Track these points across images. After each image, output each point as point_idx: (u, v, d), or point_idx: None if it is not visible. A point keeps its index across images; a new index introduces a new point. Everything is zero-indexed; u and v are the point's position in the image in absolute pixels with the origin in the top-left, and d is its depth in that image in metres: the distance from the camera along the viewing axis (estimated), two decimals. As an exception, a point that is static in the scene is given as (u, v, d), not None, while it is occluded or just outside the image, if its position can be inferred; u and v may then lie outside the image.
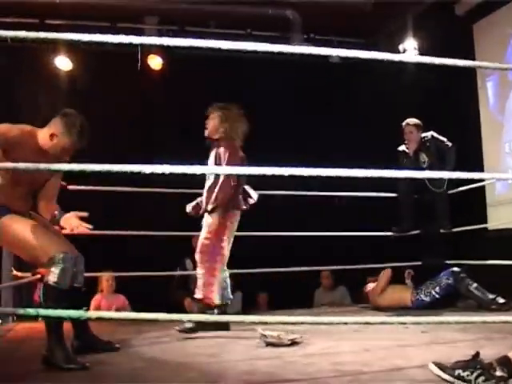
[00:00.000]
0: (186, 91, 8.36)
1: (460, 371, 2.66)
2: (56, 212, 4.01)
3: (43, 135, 3.97)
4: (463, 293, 6.34)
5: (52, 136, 3.94)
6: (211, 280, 5.33)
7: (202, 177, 5.47)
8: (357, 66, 6.90)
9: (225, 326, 5.19)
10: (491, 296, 6.19)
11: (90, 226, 3.83)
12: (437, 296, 6.37)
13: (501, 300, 6.12)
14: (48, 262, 3.77)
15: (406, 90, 8.60)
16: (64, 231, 4.01)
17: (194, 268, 7.05)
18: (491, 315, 4.52)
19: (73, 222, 3.84)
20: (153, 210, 7.58)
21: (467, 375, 2.64)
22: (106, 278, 7.25)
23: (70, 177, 4.94)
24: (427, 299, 6.41)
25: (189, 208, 5.76)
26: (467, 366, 2.67)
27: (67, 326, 3.96)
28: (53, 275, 3.73)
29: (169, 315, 2.24)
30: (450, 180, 7.16)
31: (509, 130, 7.82)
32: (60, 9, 7.53)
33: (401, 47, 8.54)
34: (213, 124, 5.57)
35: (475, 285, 6.31)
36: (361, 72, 7.68)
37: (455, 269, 6.48)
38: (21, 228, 3.86)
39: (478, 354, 2.74)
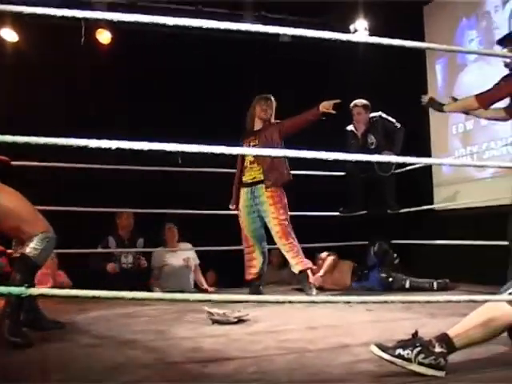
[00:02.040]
0: (134, 66, 8.26)
1: (400, 350, 2.70)
2: None
3: None
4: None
5: None
6: (300, 250, 6.13)
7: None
8: (308, 45, 6.91)
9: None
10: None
11: None
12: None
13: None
14: (32, 237, 3.72)
15: (357, 69, 8.64)
16: None
17: (117, 246, 7.42)
18: (435, 295, 4.60)
19: None
20: (90, 185, 7.48)
21: (407, 354, 2.68)
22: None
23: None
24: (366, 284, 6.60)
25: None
26: (407, 345, 2.71)
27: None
28: (34, 250, 3.69)
29: (113, 293, 2.21)
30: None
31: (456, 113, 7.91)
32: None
33: (352, 27, 8.56)
34: (272, 110, 6.40)
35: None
36: (311, 51, 7.68)
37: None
38: (9, 198, 3.75)
39: (416, 332, 2.78)
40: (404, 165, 7.27)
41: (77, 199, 6.53)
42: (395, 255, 6.77)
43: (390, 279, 6.42)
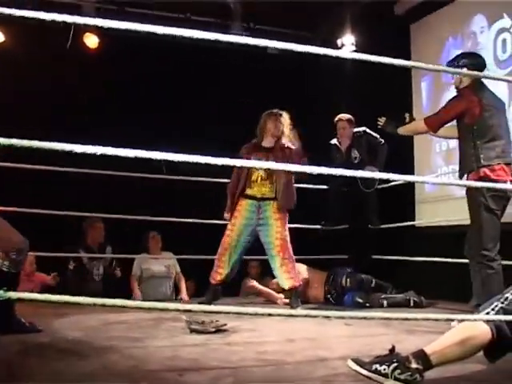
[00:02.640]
0: (121, 72, 8.25)
1: (377, 366, 2.71)
2: None
3: None
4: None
5: None
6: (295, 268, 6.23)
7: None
8: (295, 58, 6.94)
9: None
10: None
11: None
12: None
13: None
14: (8, 253, 3.99)
15: (342, 84, 8.68)
16: None
17: (89, 258, 7.37)
18: (413, 312, 4.63)
19: None
20: (81, 190, 7.45)
21: (384, 369, 2.69)
22: (29, 260, 7.05)
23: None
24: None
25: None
26: (384, 361, 2.72)
27: None
28: (10, 262, 4.00)
29: (92, 299, 2.21)
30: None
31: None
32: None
33: (339, 42, 8.60)
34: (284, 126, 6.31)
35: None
36: (299, 64, 7.72)
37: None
38: None
39: (393, 348, 2.79)
40: (387, 181, 7.31)
41: (50, 203, 6.48)
42: (370, 278, 6.74)
43: (367, 304, 6.40)
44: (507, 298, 2.78)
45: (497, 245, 4.66)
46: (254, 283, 7.12)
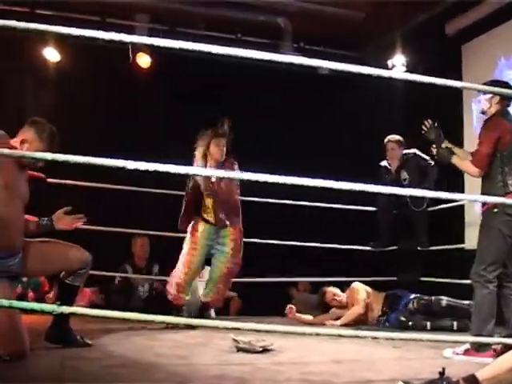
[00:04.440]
0: (173, 91, 8.34)
1: None
2: (37, 219, 4.23)
3: (14, 143, 3.95)
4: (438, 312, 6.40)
5: (22, 142, 3.95)
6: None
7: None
8: (345, 78, 6.93)
9: None
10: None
11: (84, 218, 4.31)
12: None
13: None
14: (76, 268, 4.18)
15: (393, 105, 8.64)
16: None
17: (134, 273, 7.44)
18: (463, 335, 4.56)
19: (68, 220, 4.23)
20: (123, 207, 7.53)
21: None
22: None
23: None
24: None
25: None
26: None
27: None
28: (75, 276, 4.18)
29: (140, 315, 2.23)
30: (431, 198, 7.20)
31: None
32: (52, -1, 7.52)
33: (389, 62, 8.57)
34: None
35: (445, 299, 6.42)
36: (349, 85, 7.71)
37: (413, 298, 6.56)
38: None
39: (443, 371, 2.74)
40: (437, 203, 7.24)
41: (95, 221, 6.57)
42: (439, 300, 6.59)
43: (410, 323, 6.32)
44: None
45: (497, 270, 4.61)
46: (296, 315, 6.86)
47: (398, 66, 8.47)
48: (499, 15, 7.61)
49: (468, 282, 6.84)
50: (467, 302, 6.26)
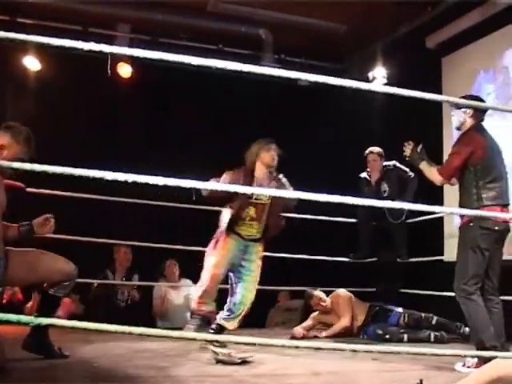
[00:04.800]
0: (154, 101, 8.34)
1: None
2: (17, 226, 4.18)
3: None
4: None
5: (1, 149, 3.92)
6: None
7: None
8: (326, 90, 6.96)
9: None
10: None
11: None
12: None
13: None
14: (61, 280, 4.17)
15: (373, 116, 8.67)
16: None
17: (114, 279, 7.44)
18: (442, 348, 4.57)
19: (48, 226, 4.21)
20: (96, 216, 7.49)
21: None
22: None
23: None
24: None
25: None
26: None
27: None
28: (59, 288, 4.17)
29: (122, 327, 2.22)
30: (410, 210, 7.23)
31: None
32: (33, 8, 7.47)
33: (370, 75, 8.61)
34: None
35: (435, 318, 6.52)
36: (330, 96, 7.74)
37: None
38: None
39: (421, 382, 2.74)
40: (416, 215, 7.27)
41: (77, 229, 6.52)
42: (430, 316, 6.60)
43: (387, 336, 6.31)
44: None
45: (478, 283, 4.64)
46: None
47: (378, 78, 8.52)
48: (479, 29, 7.68)
49: (447, 294, 6.90)
50: (457, 323, 6.33)
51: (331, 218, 7.42)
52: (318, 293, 6.82)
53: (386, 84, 8.05)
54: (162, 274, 7.74)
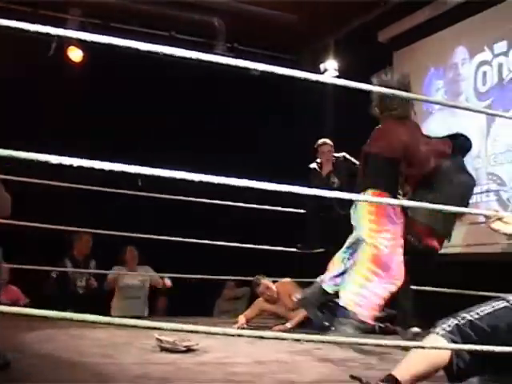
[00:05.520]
0: (104, 86, 8.24)
1: None
2: None
3: None
4: None
5: None
6: None
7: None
8: (277, 80, 6.96)
9: None
10: None
11: None
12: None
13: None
14: None
15: (323, 108, 8.73)
16: None
17: (73, 267, 7.39)
18: (384, 338, 4.63)
19: None
20: (67, 203, 7.41)
21: None
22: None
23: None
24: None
25: None
26: None
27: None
28: None
29: (62, 313, 2.19)
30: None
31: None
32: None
33: (322, 66, 8.65)
34: None
35: None
36: (281, 87, 7.76)
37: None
38: None
39: (360, 379, 2.75)
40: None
41: (32, 215, 6.42)
42: None
43: (332, 328, 6.26)
44: (464, 317, 2.78)
45: None
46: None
47: (330, 70, 8.57)
48: (430, 26, 7.80)
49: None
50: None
51: (281, 209, 7.45)
52: (266, 281, 6.82)
53: (337, 76, 8.10)
54: (120, 260, 7.70)
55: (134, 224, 6.96)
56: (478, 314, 2.79)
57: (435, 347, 2.71)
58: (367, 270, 4.85)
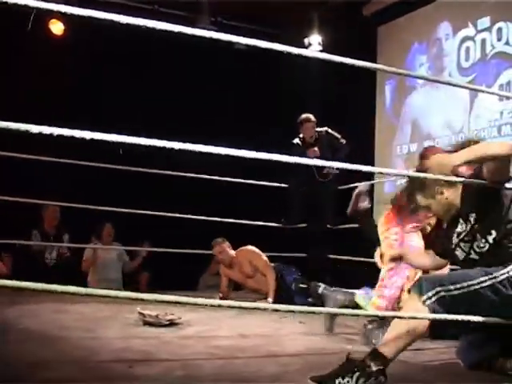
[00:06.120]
0: (86, 60, 8.16)
1: (340, 380, 2.65)
2: None
3: None
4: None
5: None
6: None
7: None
8: (262, 54, 6.93)
9: None
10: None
11: None
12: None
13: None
14: None
15: (307, 83, 8.71)
16: None
17: (42, 240, 7.29)
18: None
19: None
20: (39, 176, 7.32)
21: (347, 381, 2.65)
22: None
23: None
24: None
25: None
26: (345, 372, 2.67)
27: None
28: None
29: (44, 285, 2.18)
30: (340, 177, 7.33)
31: (401, 134, 8.06)
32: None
33: (306, 41, 8.62)
34: None
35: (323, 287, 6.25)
36: (266, 61, 7.73)
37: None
38: None
39: (348, 355, 2.77)
40: (346, 181, 7.36)
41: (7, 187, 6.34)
42: (317, 285, 6.40)
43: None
44: (449, 289, 2.80)
45: None
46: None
47: (314, 45, 8.54)
48: (415, 1, 7.78)
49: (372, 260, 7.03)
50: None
51: (263, 183, 7.46)
52: (222, 244, 6.69)
53: (321, 51, 8.07)
54: (97, 236, 7.69)
55: (114, 198, 6.92)
56: (463, 287, 2.81)
57: (416, 317, 2.74)
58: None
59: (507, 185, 3.03)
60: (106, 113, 7.84)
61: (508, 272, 2.86)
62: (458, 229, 3.15)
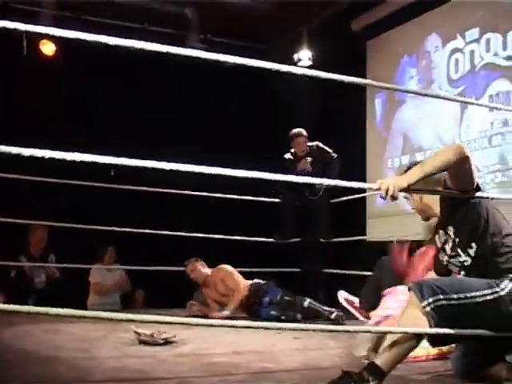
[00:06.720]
0: (78, 80, 8.18)
1: None
2: None
3: None
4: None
5: None
6: None
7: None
8: (253, 69, 6.94)
9: None
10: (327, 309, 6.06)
11: None
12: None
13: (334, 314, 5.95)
14: None
15: (297, 99, 8.74)
16: None
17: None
18: (356, 325, 4.67)
19: None
20: (26, 197, 7.30)
21: None
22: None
23: None
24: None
25: None
26: None
27: None
28: None
29: (38, 308, 2.19)
30: (333, 191, 7.34)
31: (392, 147, 8.08)
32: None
33: (296, 56, 8.66)
34: None
35: (308, 301, 6.20)
36: (257, 76, 7.76)
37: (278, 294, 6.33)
38: None
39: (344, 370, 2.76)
40: (339, 195, 7.39)
41: None
42: (302, 299, 6.35)
43: (283, 317, 6.16)
44: (451, 298, 2.79)
45: None
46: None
47: (304, 60, 8.58)
48: (403, 14, 7.83)
49: (368, 273, 7.04)
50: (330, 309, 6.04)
51: (255, 198, 7.47)
52: (194, 263, 6.79)
53: (310, 66, 8.11)
54: (98, 258, 7.74)
55: (108, 217, 6.91)
56: (466, 297, 2.80)
57: (415, 332, 2.75)
58: None
59: (480, 194, 2.98)
60: (101, 127, 7.88)
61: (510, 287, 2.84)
62: (440, 244, 3.14)
